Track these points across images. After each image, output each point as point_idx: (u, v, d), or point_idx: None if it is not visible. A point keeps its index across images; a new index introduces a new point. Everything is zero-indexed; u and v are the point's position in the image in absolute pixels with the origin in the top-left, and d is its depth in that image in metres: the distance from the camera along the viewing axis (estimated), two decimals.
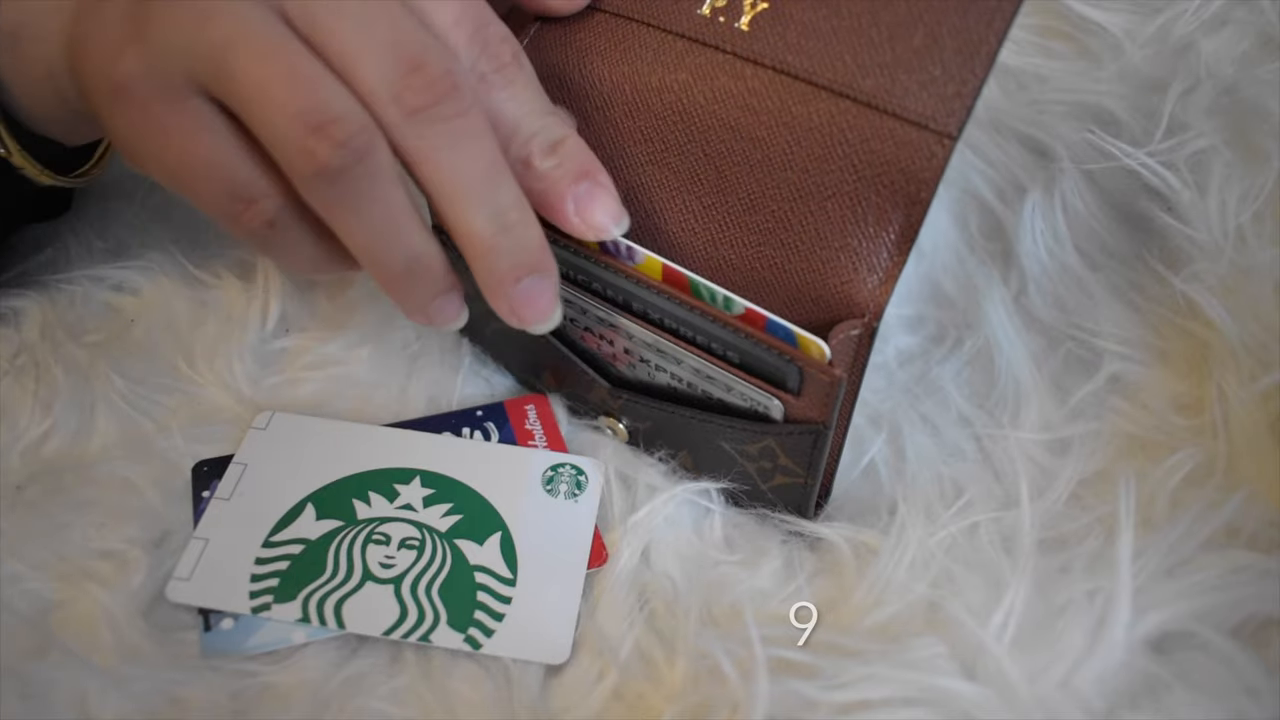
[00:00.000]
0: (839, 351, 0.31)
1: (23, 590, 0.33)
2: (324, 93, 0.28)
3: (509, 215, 0.31)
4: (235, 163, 0.30)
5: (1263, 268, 0.38)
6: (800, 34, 0.32)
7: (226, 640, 0.33)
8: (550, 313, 0.33)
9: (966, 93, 0.30)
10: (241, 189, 0.30)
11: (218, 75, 0.28)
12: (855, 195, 0.31)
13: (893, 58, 0.31)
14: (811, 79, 0.32)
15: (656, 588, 0.35)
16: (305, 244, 0.32)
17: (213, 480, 0.37)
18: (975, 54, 0.30)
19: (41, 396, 0.39)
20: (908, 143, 0.30)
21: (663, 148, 0.34)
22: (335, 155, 0.28)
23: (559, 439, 0.40)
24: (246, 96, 0.28)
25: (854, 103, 0.31)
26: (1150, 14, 0.46)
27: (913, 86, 0.30)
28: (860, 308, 0.31)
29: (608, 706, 0.32)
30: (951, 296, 0.43)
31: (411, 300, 0.33)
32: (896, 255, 0.31)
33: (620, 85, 0.34)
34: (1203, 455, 0.35)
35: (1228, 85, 0.43)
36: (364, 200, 0.30)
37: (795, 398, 0.32)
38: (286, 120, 0.28)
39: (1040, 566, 0.31)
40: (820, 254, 0.32)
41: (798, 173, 0.32)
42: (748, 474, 0.36)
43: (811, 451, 0.33)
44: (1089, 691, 0.28)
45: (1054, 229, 0.43)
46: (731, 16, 0.33)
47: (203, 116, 0.29)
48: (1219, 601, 0.30)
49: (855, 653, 0.31)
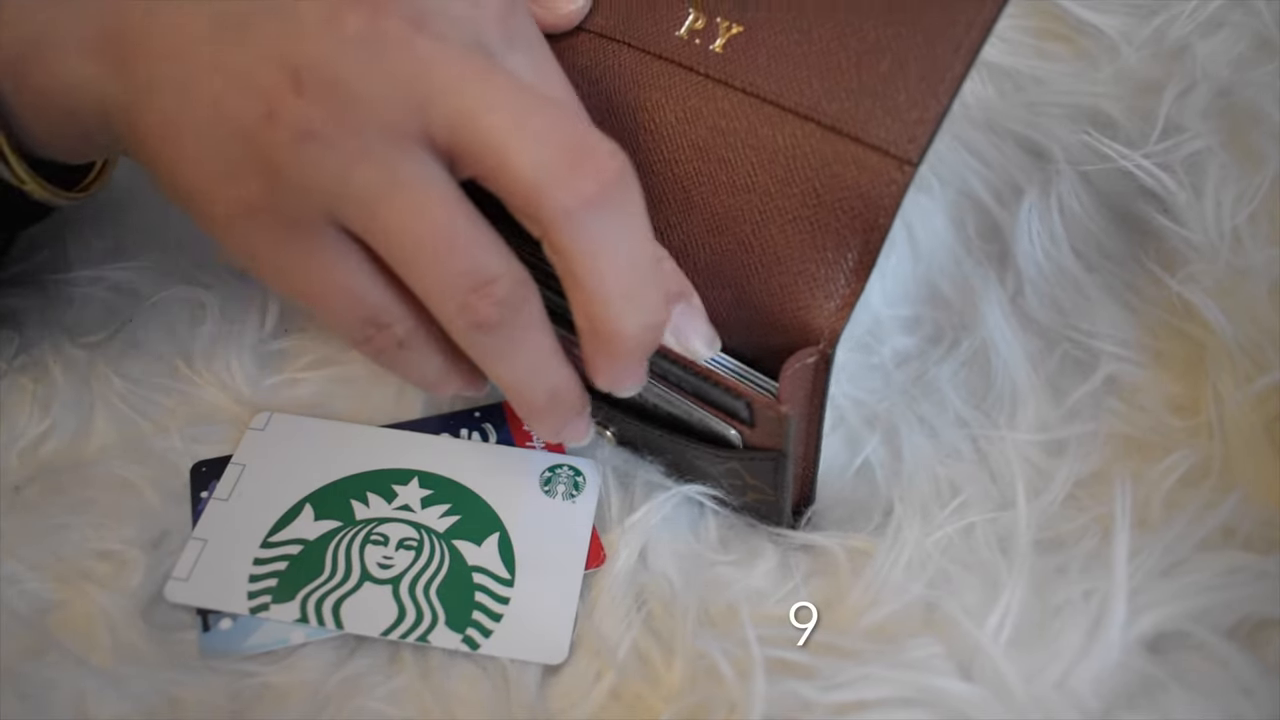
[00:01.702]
0: (794, 382, 0.30)
1: (21, 590, 0.33)
2: (482, 254, 0.28)
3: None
4: (371, 291, 0.30)
5: (1258, 269, 0.38)
6: (770, 58, 0.32)
7: (225, 640, 0.33)
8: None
9: (929, 119, 0.30)
10: (377, 315, 0.30)
11: (365, 223, 0.28)
12: (815, 220, 0.31)
13: (859, 83, 0.31)
14: (779, 102, 0.32)
15: (654, 588, 0.35)
16: (433, 363, 0.32)
17: (211, 481, 0.37)
18: (940, 81, 0.30)
19: (40, 397, 0.39)
20: (868, 167, 0.30)
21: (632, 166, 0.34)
22: (495, 312, 0.28)
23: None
24: (399, 248, 0.28)
25: (818, 126, 0.31)
26: (1146, 16, 0.47)
27: (876, 112, 0.30)
28: (816, 334, 0.31)
29: (605, 707, 0.32)
30: (948, 297, 0.43)
31: (547, 426, 0.34)
32: (854, 281, 0.31)
33: (597, 103, 0.34)
34: (1198, 456, 0.35)
35: (1223, 87, 0.43)
36: (516, 347, 0.30)
37: (749, 428, 0.32)
38: (447, 278, 0.28)
39: (1036, 567, 0.31)
40: (779, 279, 0.32)
41: (761, 195, 0.32)
42: (723, 487, 0.36)
43: (774, 475, 0.33)
44: (1085, 692, 0.28)
45: (1050, 230, 0.43)
46: (706, 39, 0.33)
47: (339, 248, 0.29)
48: (1215, 602, 0.30)
49: (852, 653, 0.31)
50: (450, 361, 0.32)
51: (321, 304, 0.30)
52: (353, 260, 0.29)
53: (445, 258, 0.28)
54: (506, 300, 0.28)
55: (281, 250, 0.29)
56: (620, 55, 0.34)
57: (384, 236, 0.28)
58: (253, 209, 0.28)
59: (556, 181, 0.27)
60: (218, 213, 0.29)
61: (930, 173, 0.46)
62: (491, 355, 0.30)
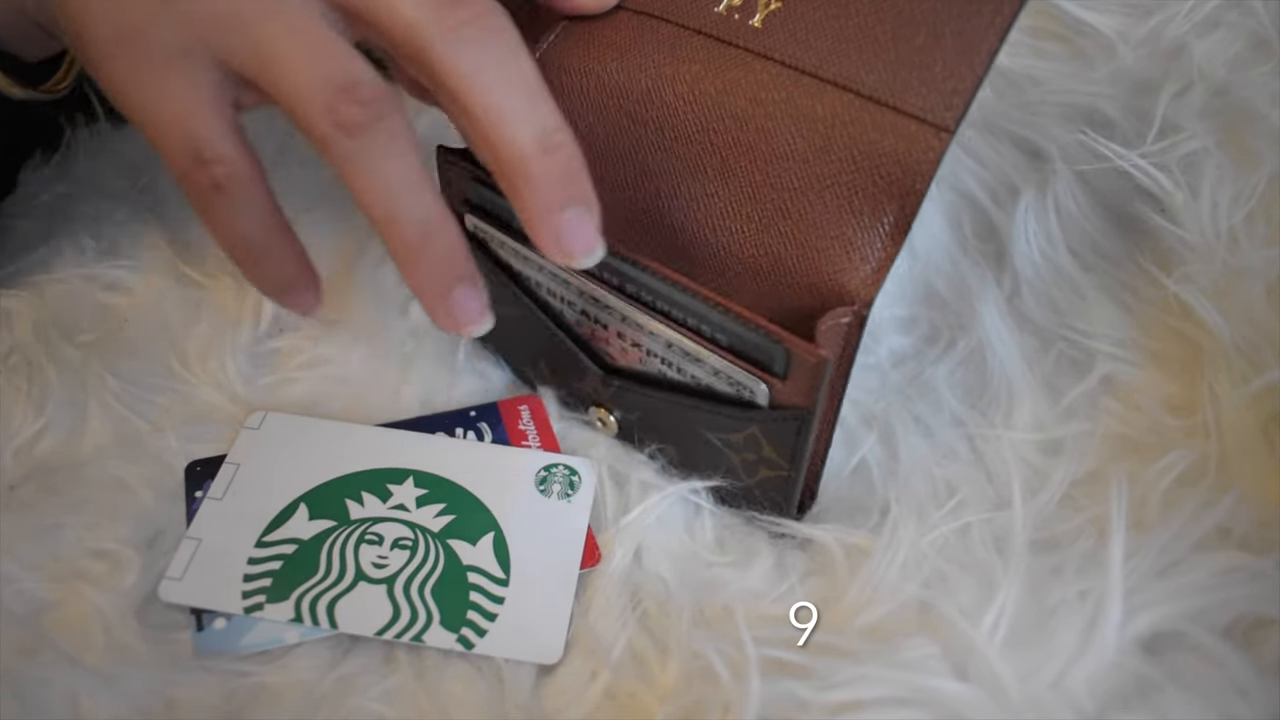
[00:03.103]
0: (827, 338, 0.31)
1: (15, 590, 0.33)
2: (349, 63, 0.29)
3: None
4: (207, 124, 0.30)
5: (1255, 269, 0.38)
6: (809, 32, 0.33)
7: (219, 640, 0.33)
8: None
9: (964, 88, 0.31)
10: (201, 148, 0.31)
11: (239, 45, 0.30)
12: (853, 185, 0.32)
13: (896, 55, 0.32)
14: (818, 74, 0.33)
15: (649, 588, 0.35)
16: (250, 221, 0.32)
17: (205, 480, 0.37)
18: (975, 52, 0.31)
19: (34, 396, 0.39)
20: (906, 135, 0.31)
21: (672, 136, 0.35)
22: (360, 112, 0.29)
23: (552, 439, 0.40)
24: (271, 61, 0.29)
25: (857, 96, 0.32)
26: (1143, 16, 0.47)
27: (913, 82, 0.31)
28: (851, 296, 0.32)
29: (600, 707, 0.32)
30: (944, 297, 0.43)
31: (430, 278, 0.32)
32: (890, 245, 0.32)
33: (637, 77, 0.35)
34: (1195, 456, 0.35)
35: (1220, 87, 0.43)
36: (383, 156, 0.30)
37: (781, 381, 0.32)
38: (313, 84, 0.29)
39: (1032, 567, 0.31)
40: (815, 243, 0.33)
41: (799, 163, 0.33)
42: (733, 468, 0.36)
43: (795, 440, 0.33)
44: (1080, 692, 0.28)
45: (1047, 230, 0.43)
46: (746, 14, 0.34)
47: (195, 76, 0.30)
48: (1210, 602, 0.30)
49: (847, 653, 0.31)
50: (272, 235, 0.33)
51: (155, 128, 0.31)
52: (204, 91, 0.30)
53: (313, 63, 0.29)
54: (372, 101, 0.29)
55: (144, 75, 0.30)
56: (660, 31, 0.36)
57: (256, 54, 0.29)
58: (141, 31, 0.30)
59: (433, 17, 0.29)
60: (100, 42, 0.30)
61: None
62: (355, 164, 0.30)
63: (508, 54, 0.30)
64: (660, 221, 0.35)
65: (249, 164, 0.31)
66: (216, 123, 0.31)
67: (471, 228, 0.38)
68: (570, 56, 0.37)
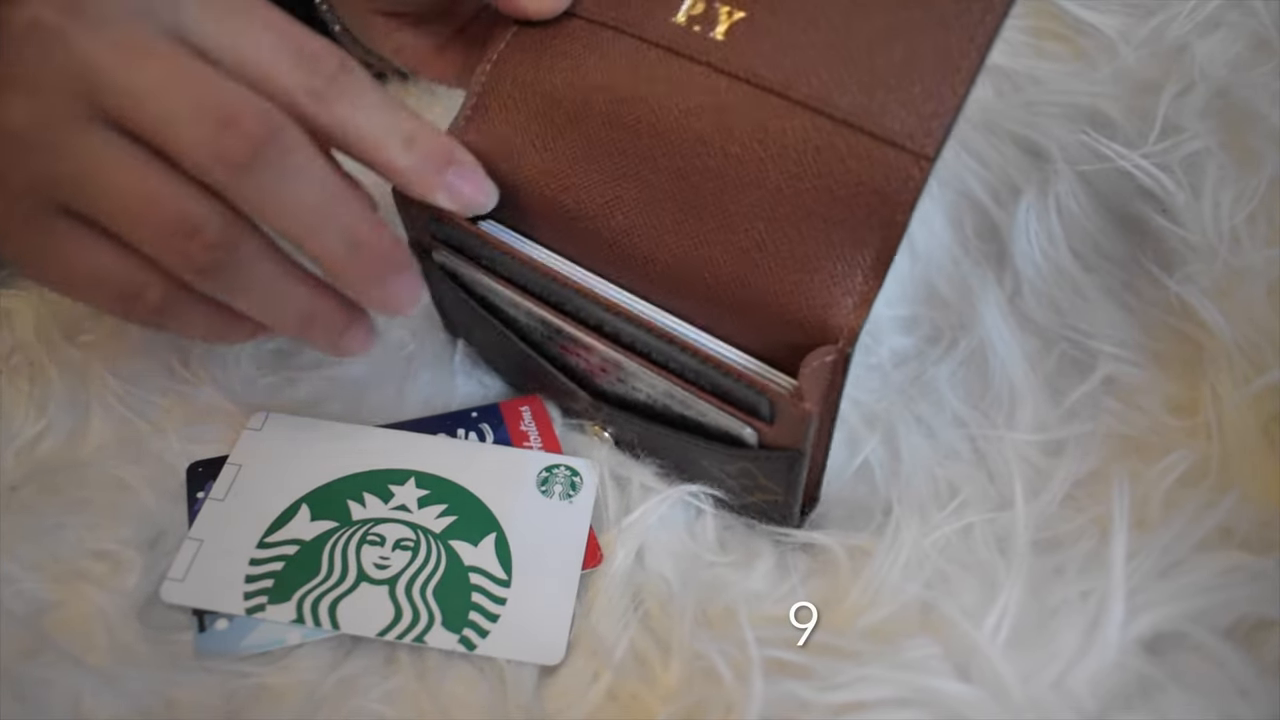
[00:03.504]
0: (813, 380, 0.30)
1: (17, 591, 0.33)
2: (185, 203, 0.30)
3: (358, 232, 0.32)
4: (114, 266, 0.31)
5: (1256, 269, 0.38)
6: (776, 46, 0.31)
7: (221, 641, 0.33)
8: (415, 302, 0.34)
9: (945, 111, 0.29)
10: (124, 288, 0.32)
11: (83, 204, 0.30)
12: (830, 217, 0.30)
13: (870, 73, 0.30)
14: (787, 94, 0.31)
15: (651, 589, 0.35)
16: (200, 315, 0.34)
17: (207, 481, 0.37)
18: (955, 71, 0.29)
19: (36, 397, 0.39)
20: (884, 163, 0.29)
21: (636, 161, 0.33)
22: (209, 255, 0.30)
23: (554, 440, 0.40)
24: (113, 218, 0.30)
25: (830, 120, 0.30)
26: (1144, 16, 0.47)
27: (890, 104, 0.29)
28: (835, 332, 0.30)
29: (602, 707, 0.32)
30: (946, 298, 0.43)
31: (321, 345, 0.35)
32: (872, 279, 0.30)
33: (593, 96, 0.33)
34: (1196, 456, 0.35)
35: (1221, 87, 0.43)
36: (247, 283, 0.32)
37: (768, 425, 0.31)
38: (160, 234, 0.30)
39: (1034, 567, 0.31)
40: (794, 276, 0.31)
41: (772, 191, 0.31)
42: (730, 488, 0.36)
43: (788, 474, 0.33)
44: (1082, 692, 0.28)
45: (1048, 230, 0.43)
46: (707, 26, 0.32)
47: (75, 233, 0.31)
48: (1212, 602, 0.30)
49: (849, 654, 0.31)
50: (217, 309, 0.33)
51: (74, 290, 0.32)
52: (89, 240, 0.31)
53: (151, 215, 0.30)
54: (219, 241, 0.30)
55: (31, 248, 0.32)
56: (615, 44, 0.33)
57: (99, 211, 0.30)
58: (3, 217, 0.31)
59: (213, 153, 0.29)
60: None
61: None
62: (227, 295, 0.32)
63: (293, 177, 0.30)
64: (633, 251, 0.33)
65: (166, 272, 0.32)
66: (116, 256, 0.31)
67: (441, 261, 0.37)
68: (524, 69, 0.35)
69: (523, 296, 0.35)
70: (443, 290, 0.40)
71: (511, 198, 0.35)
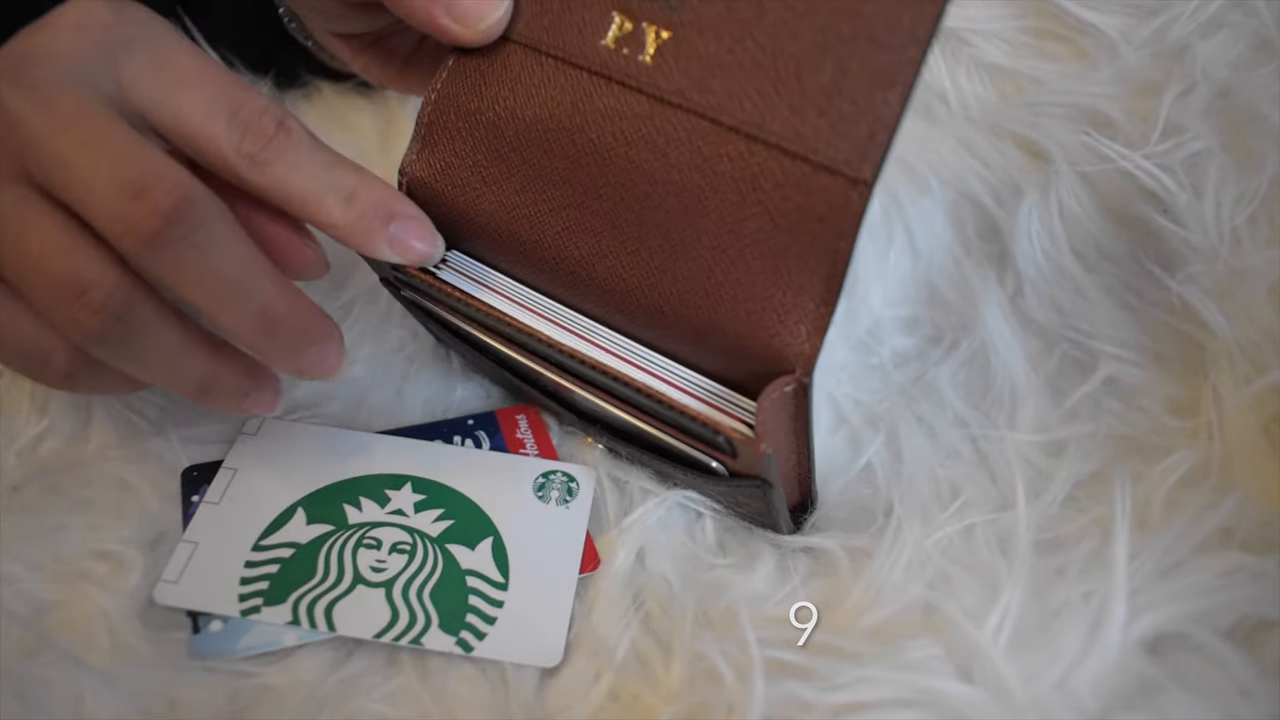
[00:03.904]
0: (773, 413, 0.29)
1: (18, 591, 0.33)
2: (79, 265, 0.29)
3: (275, 309, 0.31)
4: (25, 330, 0.31)
5: (1258, 270, 0.38)
6: (704, 68, 0.30)
7: (216, 642, 0.33)
8: (336, 368, 0.34)
9: (880, 132, 0.28)
10: (29, 352, 0.32)
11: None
12: (774, 245, 0.30)
13: (801, 95, 0.29)
14: (719, 119, 0.30)
15: (652, 590, 0.35)
16: (105, 381, 0.33)
17: (202, 484, 0.37)
18: (890, 88, 0.28)
19: (37, 398, 0.39)
20: (821, 189, 0.28)
21: (582, 192, 0.32)
22: (97, 321, 0.29)
23: (550, 448, 0.40)
24: (13, 273, 0.30)
25: (764, 145, 0.29)
26: (1146, 16, 0.46)
27: (823, 127, 0.28)
28: (790, 361, 0.30)
29: (604, 708, 0.32)
30: (947, 298, 0.43)
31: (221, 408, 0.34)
32: (823, 306, 0.29)
33: (535, 126, 0.33)
34: (1198, 457, 0.35)
35: (1223, 88, 0.43)
36: (139, 349, 0.31)
37: (732, 458, 0.31)
38: (49, 297, 0.30)
39: (1036, 568, 0.31)
40: (745, 305, 0.30)
41: (715, 220, 0.30)
42: (717, 501, 0.36)
43: (764, 498, 0.33)
44: (1084, 693, 0.28)
45: (1050, 231, 0.43)
46: (635, 48, 0.31)
47: None
48: (1214, 603, 0.30)
49: (851, 654, 0.31)
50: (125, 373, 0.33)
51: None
52: (7, 301, 0.31)
53: (42, 274, 0.29)
54: (107, 306, 0.29)
55: None
56: (550, 71, 0.32)
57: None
58: None
59: (123, 223, 0.29)
60: None
61: (930, 173, 0.45)
62: (120, 361, 0.31)
63: (205, 250, 0.30)
64: (592, 279, 0.33)
65: None
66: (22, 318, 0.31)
67: (410, 298, 0.37)
68: (466, 98, 0.34)
69: (488, 337, 0.35)
70: (421, 318, 0.40)
71: (469, 228, 0.34)
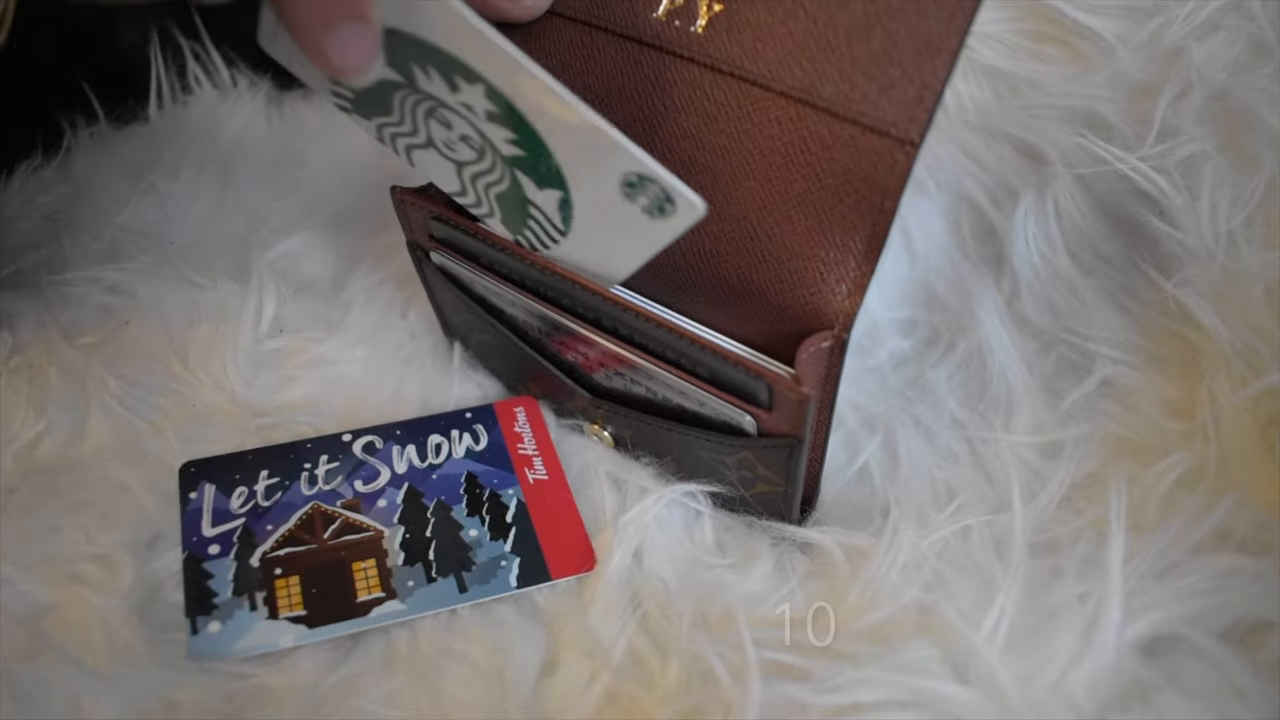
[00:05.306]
0: (810, 366, 0.30)
1: (15, 592, 0.33)
2: None
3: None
4: None
5: (1254, 272, 0.38)
6: (756, 38, 0.31)
7: (212, 644, 0.33)
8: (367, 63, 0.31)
9: (928, 96, 0.29)
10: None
11: None
12: (819, 205, 0.31)
13: (851, 61, 0.30)
14: (769, 85, 0.31)
15: (649, 591, 0.35)
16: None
17: (200, 482, 0.37)
18: (936, 55, 0.29)
19: (35, 399, 0.39)
20: (869, 150, 0.30)
21: None
22: None
23: (548, 442, 0.40)
24: None
25: (814, 109, 0.30)
26: (1142, 19, 0.47)
27: (872, 92, 0.30)
28: (830, 319, 0.31)
29: (600, 709, 0.32)
30: (944, 300, 0.43)
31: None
32: (864, 265, 0.31)
33: (581, 96, 0.32)
34: (1193, 459, 0.35)
35: (1219, 91, 0.43)
36: None
37: (767, 412, 0.31)
38: None
39: (1032, 570, 0.31)
40: (787, 264, 0.31)
41: (761, 182, 0.31)
42: (730, 481, 0.36)
43: (788, 463, 0.33)
44: (1079, 694, 0.28)
45: (1046, 233, 0.43)
46: (687, 20, 0.32)
47: None
48: (1209, 605, 0.30)
49: (847, 656, 0.31)
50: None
51: None
52: None
53: None
54: None
55: None
56: (598, 43, 0.33)
57: None
58: None
59: None
60: None
61: (926, 175, 0.46)
62: None
63: None
64: None
65: None
66: None
67: (439, 263, 0.37)
68: None
69: (522, 293, 0.35)
70: (441, 293, 0.40)
71: None
